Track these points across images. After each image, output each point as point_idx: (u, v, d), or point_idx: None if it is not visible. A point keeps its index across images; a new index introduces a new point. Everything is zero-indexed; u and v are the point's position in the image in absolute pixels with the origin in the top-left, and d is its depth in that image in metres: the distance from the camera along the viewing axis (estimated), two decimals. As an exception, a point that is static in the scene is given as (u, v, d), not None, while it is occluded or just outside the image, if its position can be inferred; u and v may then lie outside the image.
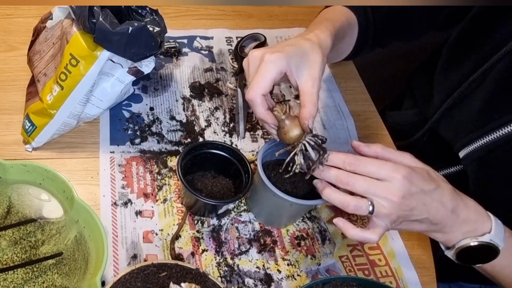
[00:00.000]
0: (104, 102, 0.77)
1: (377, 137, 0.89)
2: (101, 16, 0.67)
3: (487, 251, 0.63)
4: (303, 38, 0.68)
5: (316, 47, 0.67)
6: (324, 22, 0.75)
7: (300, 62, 0.65)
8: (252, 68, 0.65)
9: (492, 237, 0.62)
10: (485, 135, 0.72)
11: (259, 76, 0.63)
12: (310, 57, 0.66)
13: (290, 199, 0.65)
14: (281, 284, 0.68)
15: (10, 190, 0.68)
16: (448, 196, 0.61)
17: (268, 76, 0.63)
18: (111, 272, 0.65)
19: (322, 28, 0.71)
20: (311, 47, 0.66)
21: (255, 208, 0.74)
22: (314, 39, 0.68)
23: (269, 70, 0.63)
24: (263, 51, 0.64)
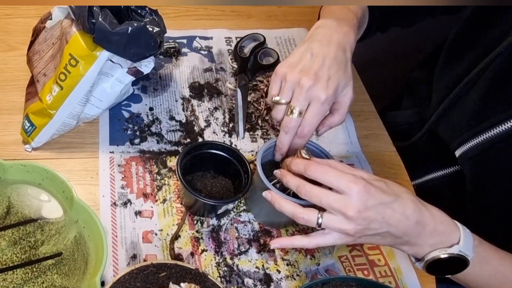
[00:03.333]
0: (104, 102, 0.77)
1: (377, 137, 0.89)
2: (101, 16, 0.67)
3: (457, 262, 0.61)
4: (341, 49, 0.69)
5: (349, 58, 0.71)
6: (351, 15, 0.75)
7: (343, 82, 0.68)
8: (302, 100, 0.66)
9: (461, 248, 0.60)
10: (479, 134, 0.73)
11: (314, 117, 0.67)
12: (347, 73, 0.69)
13: (289, 199, 0.65)
14: (281, 284, 0.68)
15: (9, 190, 0.68)
16: (411, 207, 0.59)
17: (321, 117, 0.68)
18: (110, 272, 0.65)
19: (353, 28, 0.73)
20: (347, 60, 0.70)
21: (254, 208, 0.74)
22: (349, 49, 0.71)
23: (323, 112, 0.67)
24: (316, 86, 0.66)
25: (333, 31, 0.71)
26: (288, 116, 0.67)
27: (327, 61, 0.68)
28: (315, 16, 0.87)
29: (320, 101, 0.66)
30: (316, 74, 0.67)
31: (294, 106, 0.67)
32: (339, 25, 0.72)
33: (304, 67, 0.68)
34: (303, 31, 1.05)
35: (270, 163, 0.73)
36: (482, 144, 0.72)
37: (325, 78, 0.67)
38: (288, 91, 0.68)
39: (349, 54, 0.71)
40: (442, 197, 0.86)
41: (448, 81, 0.81)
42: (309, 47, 0.70)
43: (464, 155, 0.75)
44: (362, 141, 0.88)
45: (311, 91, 0.66)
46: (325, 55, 0.68)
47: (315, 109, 0.66)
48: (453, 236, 0.61)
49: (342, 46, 0.70)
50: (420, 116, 0.91)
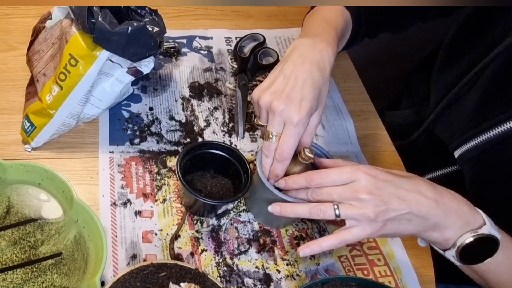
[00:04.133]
0: (104, 102, 0.77)
1: (376, 137, 0.89)
2: (101, 16, 0.67)
3: (488, 245, 0.60)
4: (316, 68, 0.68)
5: (327, 78, 0.69)
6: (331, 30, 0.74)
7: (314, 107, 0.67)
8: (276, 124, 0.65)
9: (490, 228, 0.59)
10: (479, 135, 0.73)
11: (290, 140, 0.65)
12: (322, 93, 0.68)
13: (289, 199, 0.65)
14: (280, 284, 0.68)
15: (9, 190, 0.68)
16: (424, 185, 0.59)
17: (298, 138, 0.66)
18: (110, 272, 0.65)
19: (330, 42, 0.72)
20: (324, 80, 0.68)
21: (254, 208, 0.74)
22: (326, 67, 0.69)
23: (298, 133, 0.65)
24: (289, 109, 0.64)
25: (308, 49, 0.70)
26: (267, 140, 0.67)
27: (299, 81, 0.66)
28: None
29: (293, 124, 0.64)
30: (288, 96, 0.65)
31: (270, 131, 0.66)
32: (314, 43, 0.71)
33: (276, 89, 0.67)
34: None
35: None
36: (482, 144, 0.72)
37: (297, 99, 0.65)
38: (264, 115, 0.68)
39: (326, 73, 0.69)
40: None
41: (446, 81, 0.81)
42: (282, 69, 0.68)
43: (464, 155, 0.75)
44: (361, 140, 0.88)
45: (283, 114, 0.65)
46: (298, 76, 0.67)
47: (289, 132, 0.65)
48: (477, 216, 0.60)
49: (317, 64, 0.68)
50: (418, 116, 0.91)
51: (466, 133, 0.75)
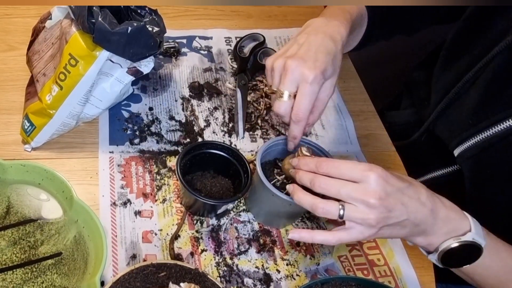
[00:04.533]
0: (103, 102, 0.77)
1: (376, 137, 0.89)
2: (100, 16, 0.67)
3: (471, 251, 0.61)
4: (330, 38, 0.69)
5: (340, 49, 0.70)
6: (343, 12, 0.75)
7: (329, 72, 0.67)
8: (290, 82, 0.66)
9: (474, 235, 0.60)
10: (478, 133, 0.73)
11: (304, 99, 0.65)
12: (336, 62, 0.69)
13: (289, 199, 0.65)
14: (280, 284, 0.68)
15: (9, 190, 0.68)
16: (424, 194, 0.59)
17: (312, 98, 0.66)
18: (110, 272, 0.65)
19: (343, 22, 0.73)
20: (337, 49, 0.69)
21: (254, 208, 0.74)
22: (338, 38, 0.70)
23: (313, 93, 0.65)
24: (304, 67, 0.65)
25: (321, 25, 0.72)
26: (278, 100, 0.66)
27: (313, 47, 0.67)
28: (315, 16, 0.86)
29: (308, 81, 0.64)
30: (302, 57, 0.66)
31: (282, 90, 0.66)
32: (327, 20, 0.72)
33: (290, 53, 0.68)
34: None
35: (270, 163, 0.73)
36: (481, 143, 0.72)
37: (311, 59, 0.66)
38: (277, 78, 0.67)
39: (339, 45, 0.70)
40: None
41: (447, 80, 0.81)
42: (296, 39, 0.70)
43: (463, 154, 0.75)
44: (361, 140, 0.88)
45: (297, 71, 0.65)
46: (311, 43, 0.68)
47: (304, 90, 0.65)
48: (464, 223, 0.60)
49: (330, 35, 0.69)
50: (418, 116, 0.91)
51: (465, 131, 0.75)
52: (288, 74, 0.65)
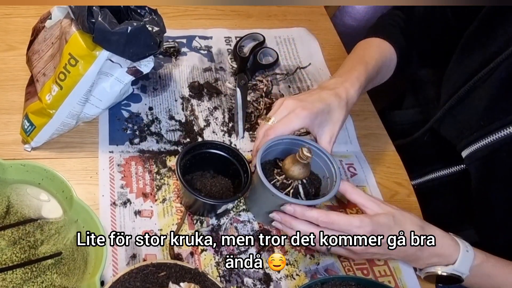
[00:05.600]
0: (103, 102, 0.77)
1: (376, 137, 0.89)
2: (100, 16, 0.67)
3: (452, 278, 0.68)
4: (334, 94, 0.75)
5: (343, 105, 0.75)
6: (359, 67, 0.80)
7: (323, 120, 0.73)
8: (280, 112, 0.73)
9: (456, 268, 0.66)
10: (489, 135, 0.72)
11: (284, 123, 0.71)
12: (335, 115, 0.74)
13: (289, 200, 0.65)
14: (280, 284, 0.68)
15: (9, 190, 0.68)
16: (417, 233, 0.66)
17: (292, 127, 0.71)
18: (110, 272, 0.65)
19: (354, 81, 0.78)
20: (339, 105, 0.74)
21: (254, 207, 0.74)
22: (344, 96, 0.75)
23: (294, 122, 0.71)
24: (296, 104, 0.72)
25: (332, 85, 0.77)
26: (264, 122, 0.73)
27: (314, 96, 0.74)
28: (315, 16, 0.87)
29: (295, 112, 0.71)
30: (300, 99, 0.73)
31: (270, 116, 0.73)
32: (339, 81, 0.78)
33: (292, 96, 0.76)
34: (303, 31, 1.05)
35: (270, 163, 0.73)
36: (492, 144, 0.72)
37: (308, 102, 0.72)
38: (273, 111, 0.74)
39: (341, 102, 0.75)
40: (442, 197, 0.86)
41: (456, 79, 0.80)
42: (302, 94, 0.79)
43: (472, 155, 0.75)
44: (361, 140, 0.88)
45: (290, 106, 0.72)
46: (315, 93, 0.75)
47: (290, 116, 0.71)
48: (450, 258, 0.67)
49: (336, 93, 0.75)
50: (423, 115, 0.90)
51: (475, 132, 0.74)
52: (282, 107, 0.73)
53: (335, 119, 0.74)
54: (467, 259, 0.67)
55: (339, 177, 0.69)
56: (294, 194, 0.68)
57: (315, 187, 0.71)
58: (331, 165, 0.71)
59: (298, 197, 0.69)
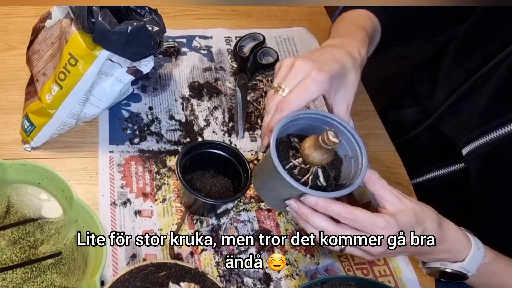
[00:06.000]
0: (103, 102, 0.77)
1: (376, 137, 0.89)
2: (100, 16, 0.67)
3: (457, 275, 0.65)
4: (347, 53, 0.67)
5: (357, 66, 0.67)
6: (359, 31, 0.74)
7: (340, 83, 0.65)
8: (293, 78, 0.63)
9: (464, 266, 0.64)
10: (489, 132, 0.72)
11: (300, 92, 0.61)
12: (350, 77, 0.66)
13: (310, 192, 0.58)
14: (280, 284, 0.68)
15: (9, 189, 0.68)
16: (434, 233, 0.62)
17: (310, 96, 0.62)
18: (110, 272, 0.65)
19: (361, 41, 0.71)
20: (353, 66, 0.66)
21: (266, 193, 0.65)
22: (357, 56, 0.68)
23: (312, 90, 0.61)
24: (311, 66, 0.62)
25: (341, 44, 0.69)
26: (274, 93, 0.63)
27: (327, 55, 0.65)
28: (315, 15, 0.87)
29: (310, 76, 0.62)
30: (312, 59, 0.64)
31: (282, 85, 0.63)
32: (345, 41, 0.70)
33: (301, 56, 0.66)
34: (303, 31, 1.05)
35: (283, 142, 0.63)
36: (493, 142, 0.71)
37: (321, 62, 0.63)
38: (282, 74, 0.65)
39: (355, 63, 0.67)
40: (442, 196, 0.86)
41: (457, 76, 0.80)
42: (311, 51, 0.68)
43: (473, 153, 0.75)
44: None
45: (302, 69, 0.62)
46: (327, 52, 0.66)
47: (302, 84, 0.62)
48: (461, 254, 0.64)
49: (349, 52, 0.68)
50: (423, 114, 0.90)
51: (476, 130, 0.73)
52: (293, 70, 0.63)
53: (350, 82, 0.66)
54: (477, 257, 0.64)
55: (366, 163, 0.60)
56: (313, 181, 0.60)
57: (336, 169, 0.63)
58: (357, 145, 0.62)
59: (317, 182, 0.60)
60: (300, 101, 0.61)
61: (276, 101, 0.63)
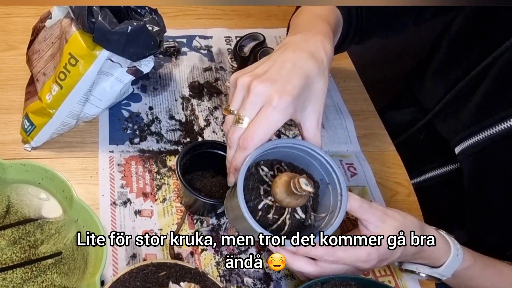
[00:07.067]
0: (103, 102, 0.77)
1: (376, 137, 0.89)
2: (100, 16, 0.67)
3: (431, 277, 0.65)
4: (311, 56, 0.58)
5: (323, 69, 0.59)
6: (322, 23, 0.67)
7: (306, 97, 0.57)
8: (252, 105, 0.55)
9: (440, 271, 0.64)
10: (481, 131, 0.72)
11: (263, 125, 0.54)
12: (316, 86, 0.58)
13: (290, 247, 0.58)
14: (280, 284, 0.68)
15: (9, 189, 0.68)
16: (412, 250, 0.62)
17: (274, 127, 0.55)
18: (110, 272, 0.65)
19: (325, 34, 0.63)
20: (319, 72, 0.58)
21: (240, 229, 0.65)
22: (322, 57, 0.59)
23: (276, 120, 0.55)
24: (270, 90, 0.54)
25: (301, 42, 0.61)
26: (234, 125, 0.56)
27: (287, 66, 0.57)
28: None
29: (271, 104, 0.54)
30: (271, 78, 0.55)
31: (241, 115, 0.55)
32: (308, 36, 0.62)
33: (259, 71, 0.57)
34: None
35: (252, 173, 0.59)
36: (483, 141, 0.72)
37: (282, 81, 0.55)
38: (238, 99, 0.57)
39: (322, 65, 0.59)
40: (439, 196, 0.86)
41: (452, 74, 0.80)
42: (269, 56, 0.60)
43: (464, 151, 0.75)
44: (361, 140, 0.88)
45: (261, 94, 0.54)
46: (286, 60, 0.57)
47: (264, 114, 0.54)
48: (438, 261, 0.64)
49: (312, 53, 0.59)
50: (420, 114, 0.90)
51: (468, 128, 0.74)
52: (251, 96, 0.55)
53: (317, 92, 0.58)
54: (454, 264, 0.64)
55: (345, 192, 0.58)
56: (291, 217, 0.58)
57: (313, 199, 0.61)
58: (332, 171, 0.59)
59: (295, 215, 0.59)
60: (263, 135, 0.55)
61: (237, 134, 0.56)
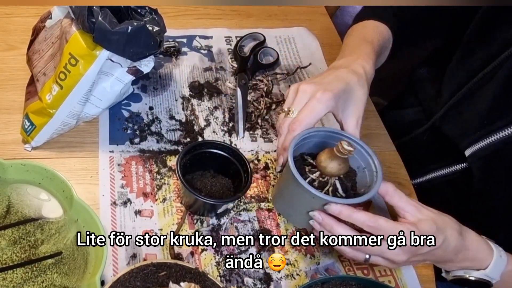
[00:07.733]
0: (104, 102, 0.77)
1: (376, 137, 0.89)
2: (101, 16, 0.67)
3: (481, 282, 0.66)
4: (351, 71, 0.70)
5: (362, 82, 0.70)
6: (365, 46, 0.77)
7: (347, 100, 0.69)
8: (299, 101, 0.68)
9: (487, 273, 0.64)
10: (492, 133, 0.72)
11: (308, 112, 0.66)
12: (356, 94, 0.70)
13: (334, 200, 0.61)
14: (280, 284, 0.68)
15: (9, 189, 0.68)
16: (452, 245, 0.63)
17: (317, 115, 0.66)
18: (110, 272, 0.65)
19: (365, 57, 0.74)
20: (359, 82, 0.70)
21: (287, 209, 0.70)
22: (361, 72, 0.71)
23: (319, 109, 0.66)
24: (315, 88, 0.67)
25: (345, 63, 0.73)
26: (286, 116, 0.68)
27: (331, 76, 0.70)
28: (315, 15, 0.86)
29: (315, 97, 0.66)
30: (317, 82, 0.69)
31: (291, 109, 0.68)
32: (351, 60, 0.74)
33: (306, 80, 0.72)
34: (303, 30, 1.05)
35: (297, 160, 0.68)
36: (494, 144, 0.71)
37: (325, 83, 0.68)
38: (289, 99, 0.70)
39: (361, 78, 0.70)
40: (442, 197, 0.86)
41: (459, 77, 0.79)
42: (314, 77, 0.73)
43: (475, 154, 0.74)
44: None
45: (308, 92, 0.67)
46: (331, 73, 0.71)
47: (309, 104, 0.67)
48: (483, 262, 0.65)
49: (353, 69, 0.71)
50: (424, 114, 0.90)
51: (479, 131, 0.73)
52: (299, 94, 0.68)
53: (358, 98, 0.70)
54: (500, 264, 0.65)
55: (380, 172, 0.64)
56: (333, 192, 0.64)
57: (352, 180, 0.67)
58: (368, 155, 0.67)
59: (336, 194, 0.64)
60: (309, 120, 0.66)
61: (287, 123, 0.67)
